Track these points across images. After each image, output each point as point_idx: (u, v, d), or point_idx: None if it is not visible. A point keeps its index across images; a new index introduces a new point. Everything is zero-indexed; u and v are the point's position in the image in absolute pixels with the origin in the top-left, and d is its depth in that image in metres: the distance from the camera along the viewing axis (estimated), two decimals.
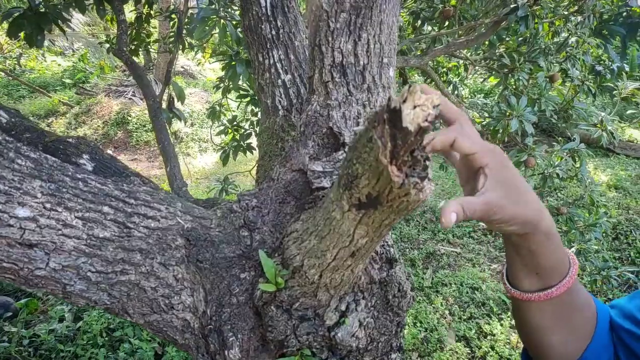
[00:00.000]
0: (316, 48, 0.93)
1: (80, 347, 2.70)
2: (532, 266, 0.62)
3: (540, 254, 0.60)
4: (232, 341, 0.85)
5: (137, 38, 3.75)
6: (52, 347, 2.69)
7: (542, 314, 0.65)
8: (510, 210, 0.55)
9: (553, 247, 0.60)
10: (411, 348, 4.17)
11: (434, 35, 2.60)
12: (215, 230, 0.93)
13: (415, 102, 0.46)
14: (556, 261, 0.62)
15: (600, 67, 3.31)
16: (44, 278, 0.79)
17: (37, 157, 0.80)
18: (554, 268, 0.62)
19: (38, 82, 10.30)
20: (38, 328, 2.80)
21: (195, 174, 7.94)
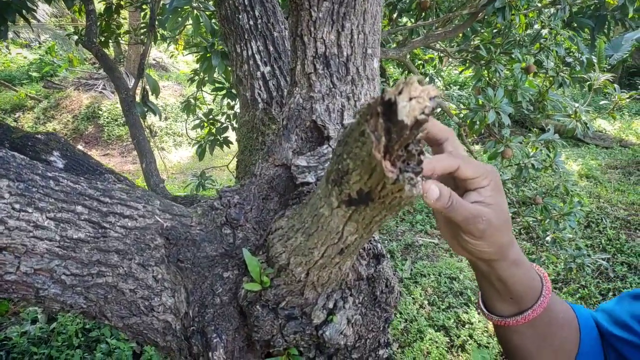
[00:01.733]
0: (298, 39, 0.90)
1: (55, 349, 2.62)
2: (505, 292, 0.62)
3: (510, 281, 0.60)
4: (216, 342, 0.82)
5: (107, 29, 3.64)
6: (25, 350, 2.60)
7: (523, 338, 0.65)
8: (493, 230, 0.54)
9: (522, 273, 0.60)
10: (392, 339, 4.21)
11: (411, 27, 2.59)
12: (196, 228, 0.89)
13: (411, 94, 0.44)
14: (527, 285, 0.61)
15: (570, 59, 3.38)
16: (14, 283, 0.74)
17: (4, 154, 0.76)
18: (527, 292, 0.62)
19: (3, 75, 9.92)
20: (10, 331, 2.71)
21: (171, 169, 7.81)
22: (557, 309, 0.65)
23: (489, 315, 0.66)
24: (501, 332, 0.67)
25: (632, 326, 0.65)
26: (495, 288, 0.62)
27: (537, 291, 0.62)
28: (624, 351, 0.65)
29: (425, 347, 4.11)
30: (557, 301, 0.66)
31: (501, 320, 0.64)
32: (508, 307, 0.64)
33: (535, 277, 0.63)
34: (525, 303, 0.62)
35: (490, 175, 0.55)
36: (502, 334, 0.68)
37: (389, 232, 5.93)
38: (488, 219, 0.54)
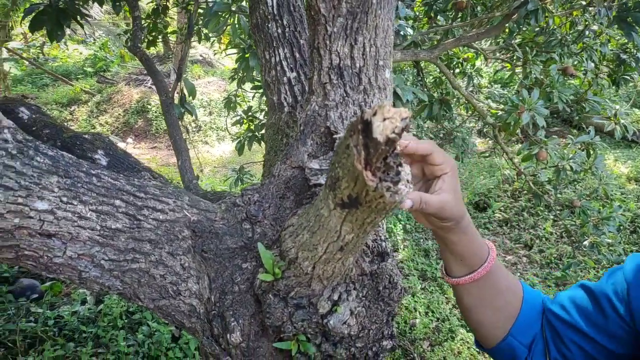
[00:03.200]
0: (315, 51, 0.98)
1: (101, 329, 2.83)
2: (457, 254, 0.77)
3: (460, 244, 0.75)
4: (233, 326, 0.91)
5: (155, 29, 3.83)
6: (75, 328, 2.82)
7: (469, 295, 0.81)
8: (452, 210, 0.69)
9: (471, 239, 0.76)
10: (422, 337, 4.23)
11: (445, 28, 2.61)
12: (219, 222, 0.99)
13: (384, 115, 0.51)
14: (475, 250, 0.77)
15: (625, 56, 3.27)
16: (61, 265, 0.86)
17: (54, 154, 0.87)
18: (473, 255, 0.77)
19: (60, 70, 10.52)
20: (62, 310, 2.94)
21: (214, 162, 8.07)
22: (501, 277, 0.81)
23: (447, 277, 0.82)
24: (456, 292, 0.83)
25: (567, 306, 0.79)
26: (449, 250, 0.78)
27: (483, 258, 0.78)
28: (556, 325, 0.79)
29: (456, 346, 4.10)
30: (505, 273, 0.82)
31: (454, 280, 0.80)
32: (460, 268, 0.79)
33: (483, 246, 0.78)
34: (472, 265, 0.78)
35: (451, 163, 0.69)
36: (457, 294, 0.84)
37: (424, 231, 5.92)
38: (450, 205, 0.68)
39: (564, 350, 0.78)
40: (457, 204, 0.69)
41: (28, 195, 0.80)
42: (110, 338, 2.76)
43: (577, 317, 0.77)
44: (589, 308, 0.76)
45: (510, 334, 0.81)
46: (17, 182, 0.80)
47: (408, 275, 4.78)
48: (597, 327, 0.75)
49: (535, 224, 6.00)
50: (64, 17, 2.01)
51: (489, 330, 0.83)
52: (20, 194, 0.80)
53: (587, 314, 0.76)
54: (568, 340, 0.77)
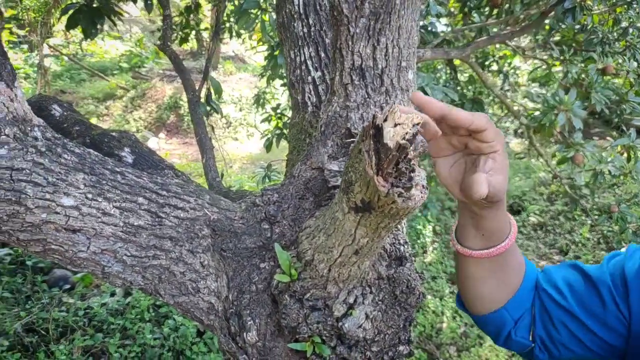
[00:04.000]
0: (337, 51, 0.97)
1: (129, 321, 2.91)
2: (481, 228, 0.74)
3: (490, 219, 0.73)
4: (250, 325, 0.92)
5: (187, 26, 3.90)
6: (104, 319, 2.91)
7: (478, 268, 0.79)
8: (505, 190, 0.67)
9: (501, 216, 0.73)
10: (449, 342, 4.17)
11: (479, 25, 2.55)
12: (238, 222, 1.00)
13: (395, 121, 0.50)
14: (500, 227, 0.74)
15: None
16: (85, 260, 0.89)
17: (81, 152, 0.90)
18: (497, 232, 0.75)
19: (97, 66, 10.83)
20: (92, 301, 3.04)
21: (243, 159, 8.16)
22: (514, 256, 0.80)
23: (459, 247, 0.79)
24: (463, 261, 0.81)
25: (562, 288, 0.79)
26: (476, 224, 0.74)
27: (505, 234, 0.75)
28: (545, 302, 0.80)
29: (484, 353, 4.03)
30: (517, 252, 0.81)
31: (469, 252, 0.77)
32: (478, 241, 0.76)
33: (507, 223, 0.75)
34: (492, 241, 0.75)
35: (501, 140, 0.66)
36: (462, 263, 0.81)
37: None
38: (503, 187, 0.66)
39: (552, 330, 0.78)
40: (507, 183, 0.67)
41: (55, 192, 0.83)
42: (137, 330, 2.84)
43: (573, 302, 0.76)
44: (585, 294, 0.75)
45: (505, 307, 0.81)
46: (45, 179, 0.82)
47: (436, 277, 4.72)
48: (594, 316, 0.74)
49: (572, 229, 5.82)
50: (98, 15, 2.07)
51: (483, 301, 0.83)
52: (47, 190, 0.82)
53: (584, 301, 0.75)
54: (558, 321, 0.77)
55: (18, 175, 0.79)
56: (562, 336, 0.78)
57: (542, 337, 0.80)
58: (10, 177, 0.78)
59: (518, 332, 0.83)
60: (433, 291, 4.42)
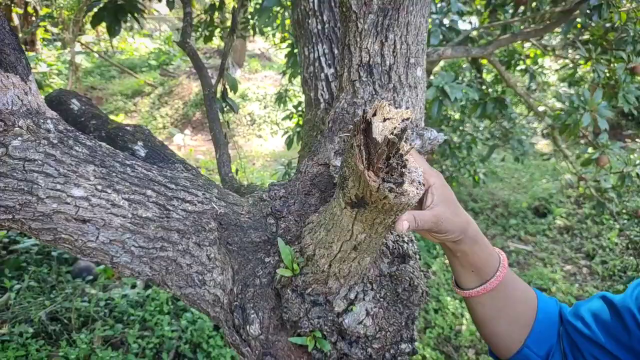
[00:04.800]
0: (345, 48, 0.97)
1: (148, 313, 2.97)
2: (468, 265, 0.76)
3: (470, 254, 0.74)
4: (253, 318, 0.93)
5: (211, 24, 3.95)
6: (124, 311, 2.98)
7: (483, 307, 0.80)
8: (451, 222, 0.68)
9: (481, 248, 0.74)
10: (468, 344, 4.11)
11: (502, 23, 2.50)
12: (245, 216, 1.01)
13: (384, 116, 0.50)
14: (485, 260, 0.76)
15: None
16: (94, 249, 0.91)
17: (92, 144, 0.93)
18: (485, 266, 0.76)
19: (127, 63, 11.08)
20: (113, 292, 3.12)
21: (266, 156, 8.22)
22: (515, 287, 0.79)
23: (458, 290, 0.81)
24: (469, 304, 0.82)
25: (587, 320, 0.77)
26: (460, 262, 0.77)
27: (495, 267, 0.76)
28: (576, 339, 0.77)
29: None
30: (518, 282, 0.80)
31: (466, 292, 0.79)
32: (472, 279, 0.78)
33: (494, 255, 0.77)
34: (484, 276, 0.77)
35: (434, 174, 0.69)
36: (470, 307, 0.83)
37: None
38: (444, 217, 0.67)
39: None
40: (455, 214, 0.69)
41: (66, 182, 0.86)
42: (156, 322, 2.89)
43: (598, 331, 0.75)
44: (611, 322, 0.74)
45: (526, 345, 0.80)
46: (56, 170, 0.85)
47: None
48: (619, 342, 0.72)
49: (600, 233, 5.66)
50: (121, 13, 2.11)
51: (504, 341, 0.82)
52: (58, 181, 0.85)
53: (608, 328, 0.74)
54: (588, 354, 0.76)
55: (30, 166, 0.82)
56: None
57: None
58: (23, 167, 0.81)
59: None
60: (454, 292, 4.36)
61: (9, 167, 0.80)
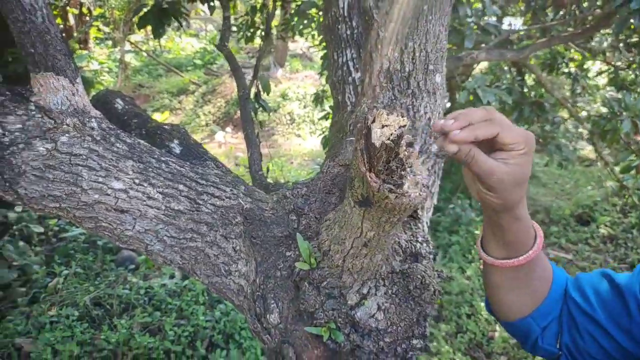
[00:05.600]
0: (367, 55, 1.02)
1: (184, 302, 3.11)
2: (501, 238, 0.75)
3: (508, 231, 0.73)
4: (273, 307, 0.99)
5: (252, 25, 4.06)
6: (163, 299, 3.13)
7: (503, 277, 0.80)
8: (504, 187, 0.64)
9: (520, 228, 0.73)
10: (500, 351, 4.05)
11: (541, 27, 2.47)
12: (269, 212, 1.07)
13: (383, 122, 0.54)
14: (521, 239, 0.75)
15: None
16: (131, 237, 1.00)
17: (132, 142, 1.01)
18: (519, 242, 0.75)
19: (173, 62, 11.46)
20: (153, 281, 3.28)
21: (304, 155, 8.32)
22: (539, 265, 0.79)
23: (483, 254, 0.81)
24: (488, 269, 0.82)
25: (589, 296, 0.78)
26: (494, 233, 0.75)
27: (528, 246, 0.75)
28: (572, 309, 0.79)
29: None
30: (543, 261, 0.80)
31: (492, 260, 0.78)
32: (500, 251, 0.77)
33: (531, 234, 0.75)
34: (515, 252, 0.76)
35: (526, 142, 0.63)
36: (488, 271, 0.83)
37: None
38: (500, 177, 0.63)
39: (578, 338, 0.77)
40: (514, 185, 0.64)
41: (107, 176, 0.95)
42: (192, 312, 3.02)
43: (599, 310, 0.75)
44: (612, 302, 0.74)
45: (531, 315, 0.81)
46: (99, 164, 0.94)
47: None
48: (619, 325, 0.73)
49: None
50: (166, 16, 2.23)
51: (510, 309, 0.84)
52: (100, 174, 0.94)
53: (611, 310, 0.74)
54: (584, 329, 0.76)
55: (76, 160, 0.91)
56: (588, 344, 0.77)
57: (569, 344, 0.80)
58: (69, 161, 0.91)
59: (545, 339, 0.83)
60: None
61: (57, 161, 0.90)
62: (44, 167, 0.89)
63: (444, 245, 4.76)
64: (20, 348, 2.62)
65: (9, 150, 0.86)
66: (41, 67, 0.89)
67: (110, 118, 1.35)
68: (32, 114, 0.89)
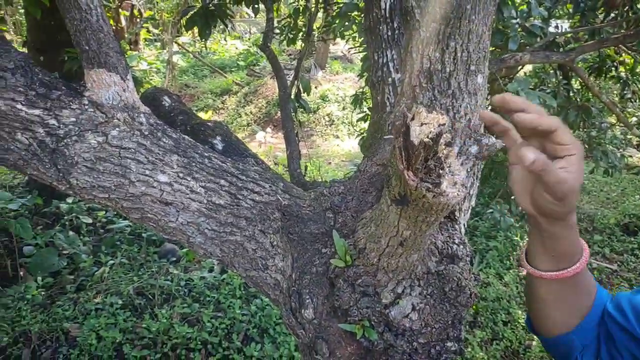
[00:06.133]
0: (408, 54, 1.02)
1: (222, 295, 3.18)
2: (551, 249, 0.74)
3: (560, 239, 0.72)
4: (307, 303, 1.01)
5: (295, 28, 4.10)
6: (201, 292, 3.22)
7: (548, 290, 0.79)
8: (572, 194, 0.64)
9: (571, 237, 0.72)
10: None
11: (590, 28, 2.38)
12: (306, 209, 1.09)
13: (422, 120, 0.55)
14: (571, 249, 0.73)
15: None
16: (174, 229, 1.04)
17: (177, 137, 1.05)
18: (568, 254, 0.74)
19: (218, 63, 11.73)
20: (193, 274, 3.37)
21: (342, 156, 8.33)
22: (585, 280, 0.78)
23: (528, 266, 0.79)
24: (533, 282, 0.80)
25: (626, 310, 0.76)
26: (544, 243, 0.74)
27: (576, 257, 0.74)
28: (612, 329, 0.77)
29: None
30: (588, 275, 0.78)
31: (537, 272, 0.77)
32: (547, 263, 0.76)
33: (579, 246, 0.74)
34: (562, 263, 0.74)
35: (578, 146, 0.64)
36: (532, 284, 0.81)
37: None
38: (571, 184, 0.63)
39: (616, 355, 0.76)
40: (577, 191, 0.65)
41: (153, 169, 0.99)
42: (229, 305, 3.09)
43: (635, 323, 0.73)
44: None
45: (573, 331, 0.80)
46: (146, 157, 0.99)
47: None
48: None
49: None
50: (212, 18, 2.30)
51: (553, 324, 0.82)
52: (147, 167, 0.98)
53: None
54: (622, 345, 0.75)
55: (125, 153, 0.96)
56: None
57: None
58: (119, 154, 0.95)
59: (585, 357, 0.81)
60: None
61: (107, 153, 0.95)
62: (95, 159, 0.94)
63: (481, 250, 4.65)
64: (67, 332, 2.76)
65: (63, 142, 0.91)
66: (94, 63, 0.95)
67: (158, 114, 1.41)
68: (86, 108, 0.95)
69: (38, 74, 0.94)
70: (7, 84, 0.90)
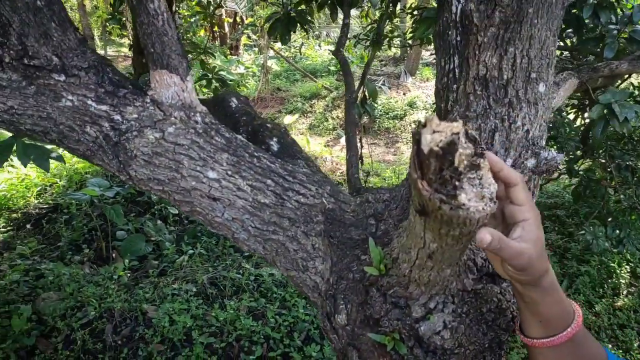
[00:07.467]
0: (464, 61, 0.98)
1: (288, 294, 3.25)
2: (536, 314, 0.72)
3: (541, 304, 0.70)
4: (341, 308, 1.00)
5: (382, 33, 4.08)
6: (269, 288, 3.31)
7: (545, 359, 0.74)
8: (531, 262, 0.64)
9: (553, 300, 0.70)
10: None
11: None
12: (350, 214, 1.08)
13: (434, 129, 0.52)
14: (558, 313, 0.71)
15: None
16: (220, 224, 1.08)
17: (230, 136, 1.10)
18: (556, 319, 0.71)
19: (309, 68, 12.01)
20: (262, 270, 3.48)
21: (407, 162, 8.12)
22: (585, 346, 0.73)
23: (521, 335, 0.78)
24: (530, 352, 0.79)
25: None
26: (528, 309, 0.73)
27: (567, 322, 0.71)
28: None
29: None
30: (589, 341, 0.74)
31: (529, 340, 0.75)
32: (537, 329, 0.73)
33: (568, 310, 0.72)
34: (552, 329, 0.72)
35: (534, 210, 0.65)
36: (530, 354, 0.78)
37: None
38: (529, 255, 0.63)
39: None
40: (539, 257, 0.64)
41: (204, 165, 1.04)
42: (293, 303, 3.15)
43: None
44: None
45: None
46: (198, 154, 1.04)
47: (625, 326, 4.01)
48: None
49: None
50: (292, 23, 2.36)
51: None
52: (198, 164, 1.04)
53: None
54: None
55: (179, 149, 1.02)
56: None
57: None
58: (173, 149, 1.01)
59: None
60: (618, 341, 3.77)
61: (163, 149, 1.01)
62: (152, 153, 1.01)
63: (571, 275, 4.29)
64: (145, 313, 2.98)
65: (124, 136, 0.99)
66: (158, 65, 1.02)
67: (225, 114, 1.48)
68: (147, 105, 1.02)
69: (109, 73, 1.03)
70: (81, 82, 0.99)
